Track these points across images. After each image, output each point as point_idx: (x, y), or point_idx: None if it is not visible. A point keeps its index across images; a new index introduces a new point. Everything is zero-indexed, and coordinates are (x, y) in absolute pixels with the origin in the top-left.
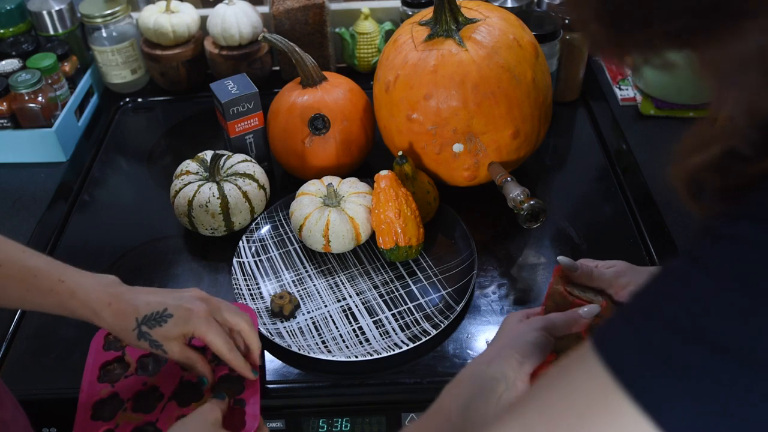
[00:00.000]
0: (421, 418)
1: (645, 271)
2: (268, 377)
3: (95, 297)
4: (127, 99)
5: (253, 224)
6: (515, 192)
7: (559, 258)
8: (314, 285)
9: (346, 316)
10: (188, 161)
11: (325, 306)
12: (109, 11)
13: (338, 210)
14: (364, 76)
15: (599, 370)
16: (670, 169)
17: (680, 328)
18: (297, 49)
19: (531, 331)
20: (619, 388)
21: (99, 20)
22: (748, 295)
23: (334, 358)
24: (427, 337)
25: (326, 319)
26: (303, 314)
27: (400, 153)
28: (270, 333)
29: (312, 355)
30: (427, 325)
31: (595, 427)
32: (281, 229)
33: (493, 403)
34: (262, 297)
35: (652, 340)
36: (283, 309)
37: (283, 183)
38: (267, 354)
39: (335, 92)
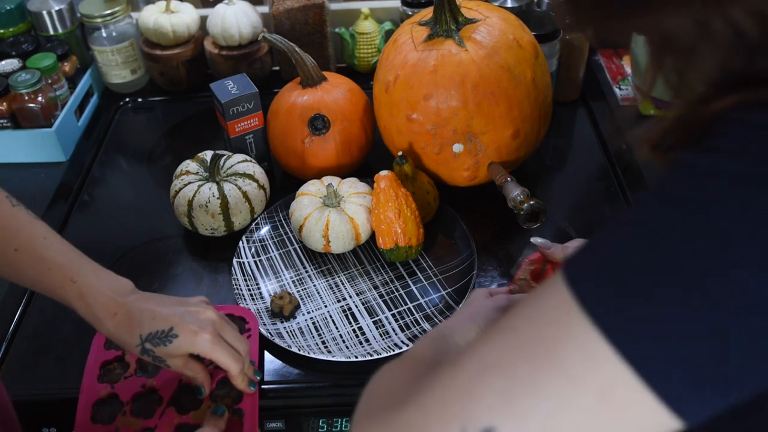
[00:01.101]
0: (394, 362)
1: None
2: (269, 377)
3: (102, 304)
4: (127, 99)
5: (253, 224)
6: (515, 192)
7: (534, 239)
8: (314, 285)
9: (346, 316)
10: (188, 161)
11: (325, 306)
12: (108, 11)
13: (338, 210)
14: (364, 76)
15: (563, 292)
16: (636, 145)
17: (631, 251)
18: (297, 49)
19: (494, 309)
20: (578, 307)
21: (99, 20)
22: (694, 221)
23: (334, 359)
24: None
25: (326, 319)
26: (303, 314)
27: (399, 153)
28: (270, 333)
29: (312, 355)
30: (427, 326)
31: (559, 345)
32: (281, 230)
33: None
34: (262, 297)
35: (605, 262)
36: (283, 309)
37: (283, 183)
38: (267, 354)
39: (335, 92)
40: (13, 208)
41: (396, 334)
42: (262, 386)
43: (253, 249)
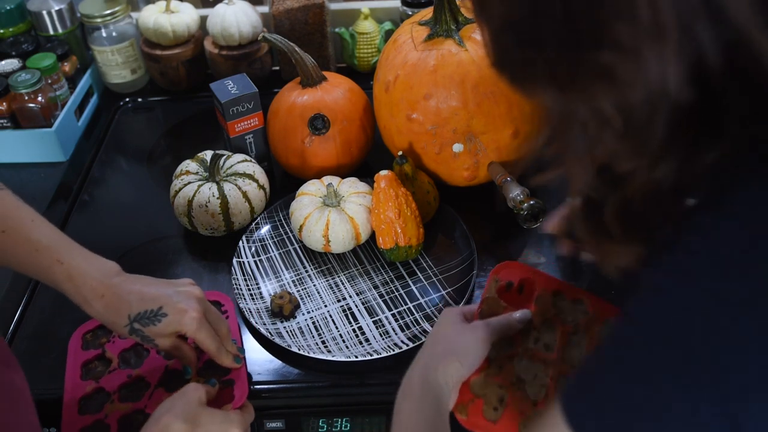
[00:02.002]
0: None
1: None
2: (269, 377)
3: (89, 286)
4: (127, 99)
5: (253, 224)
6: (515, 192)
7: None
8: (314, 285)
9: (346, 316)
10: (188, 161)
11: (325, 306)
12: (108, 11)
13: (338, 210)
14: (363, 76)
15: (561, 423)
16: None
17: (627, 393)
18: (297, 49)
19: (475, 340)
20: None
21: (99, 20)
22: (681, 356)
23: (333, 358)
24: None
25: (326, 319)
26: (303, 314)
27: (400, 153)
28: (270, 333)
29: (312, 355)
30: (427, 325)
31: None
32: (281, 229)
33: (446, 413)
34: (262, 297)
35: (606, 408)
36: (283, 309)
37: (283, 183)
38: (267, 354)
39: (335, 92)
40: (0, 192)
41: (396, 334)
42: (262, 386)
43: (253, 249)
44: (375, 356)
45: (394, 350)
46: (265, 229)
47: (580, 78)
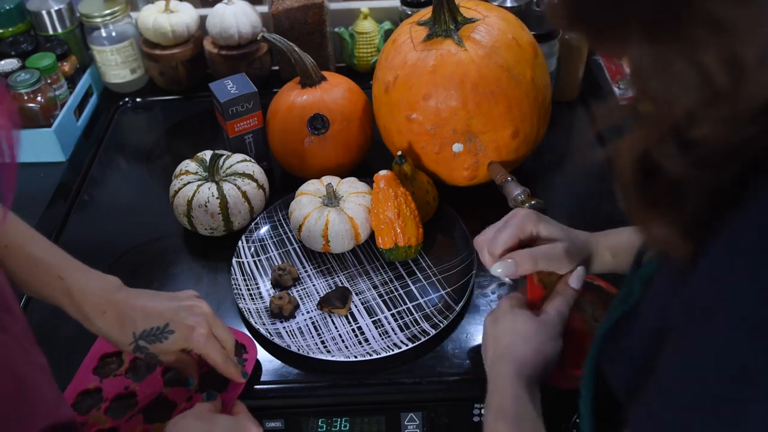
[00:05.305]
0: None
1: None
2: (268, 377)
3: (91, 302)
4: (127, 99)
5: (253, 224)
6: (516, 192)
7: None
8: (313, 285)
9: (346, 316)
10: (187, 161)
11: None
12: (108, 11)
13: (337, 210)
14: (363, 76)
15: None
16: (620, 144)
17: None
18: (296, 48)
19: (548, 338)
20: None
21: (98, 20)
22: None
23: (333, 358)
24: (427, 337)
25: (325, 319)
26: (302, 314)
27: (399, 153)
28: (269, 333)
29: (311, 355)
30: (426, 325)
31: None
32: (280, 229)
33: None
34: (261, 297)
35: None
36: (283, 309)
37: (283, 183)
38: (267, 354)
39: (334, 92)
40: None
41: (395, 334)
42: (261, 386)
43: (252, 249)
44: (374, 356)
45: (393, 350)
46: (264, 229)
47: (683, 28)
